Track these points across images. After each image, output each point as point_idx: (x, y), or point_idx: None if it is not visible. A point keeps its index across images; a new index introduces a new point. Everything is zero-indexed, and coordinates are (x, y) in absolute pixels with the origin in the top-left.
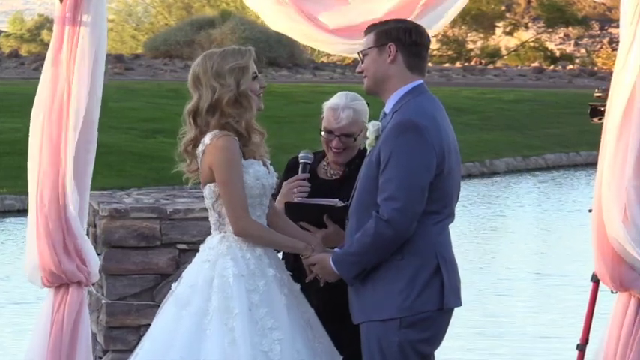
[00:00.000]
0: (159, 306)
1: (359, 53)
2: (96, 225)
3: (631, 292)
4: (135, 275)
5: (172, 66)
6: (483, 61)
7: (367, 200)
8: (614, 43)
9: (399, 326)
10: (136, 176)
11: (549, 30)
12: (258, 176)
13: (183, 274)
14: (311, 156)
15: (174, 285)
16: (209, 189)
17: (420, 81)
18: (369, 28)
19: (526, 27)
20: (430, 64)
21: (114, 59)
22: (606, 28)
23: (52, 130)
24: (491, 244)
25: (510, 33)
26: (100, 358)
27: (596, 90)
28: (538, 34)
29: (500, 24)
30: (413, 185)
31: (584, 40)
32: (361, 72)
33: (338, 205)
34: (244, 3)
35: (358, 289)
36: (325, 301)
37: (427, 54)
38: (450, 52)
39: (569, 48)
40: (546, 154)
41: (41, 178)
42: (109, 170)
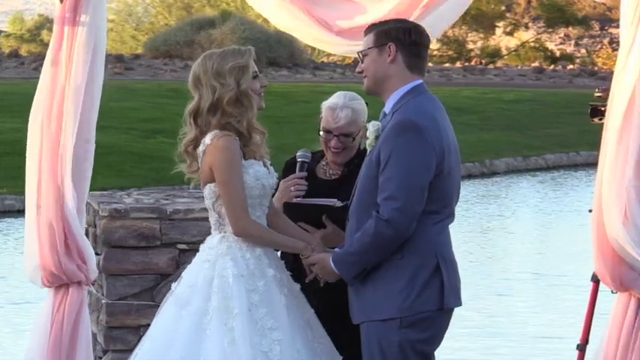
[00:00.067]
0: (159, 306)
1: (359, 53)
2: (96, 225)
3: (631, 293)
4: (135, 275)
5: (172, 66)
6: (483, 61)
7: (367, 200)
8: (614, 43)
9: (399, 326)
10: (136, 176)
11: (549, 30)
12: (258, 176)
13: (183, 274)
14: (309, 155)
15: (174, 285)
16: (209, 189)
17: (420, 81)
18: (369, 28)
19: (526, 27)
20: (430, 64)
21: (114, 59)
22: (606, 28)
23: (51, 130)
24: (491, 244)
25: (510, 33)
26: (100, 358)
27: (596, 90)
28: (538, 34)
29: (500, 24)
30: (413, 185)
31: (584, 40)
32: (361, 72)
33: (337, 205)
34: (247, 3)
35: (358, 289)
36: (325, 302)
37: (427, 54)
38: (450, 52)
39: (569, 48)
40: (546, 154)
41: (40, 178)
42: (109, 170)
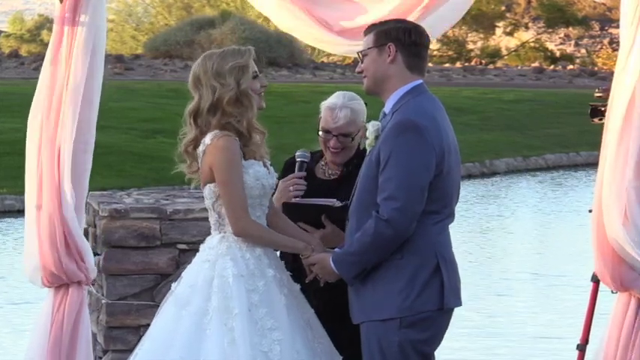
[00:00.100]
0: (159, 306)
1: (358, 53)
2: (96, 225)
3: (631, 293)
4: (135, 275)
5: (172, 66)
6: (483, 62)
7: (367, 200)
8: (614, 44)
9: (399, 326)
10: (136, 176)
11: (549, 30)
12: (258, 176)
13: (183, 274)
14: (308, 155)
15: (173, 285)
16: (209, 189)
17: (420, 81)
18: (369, 29)
19: (526, 27)
20: (430, 65)
21: (114, 59)
22: (606, 29)
23: (50, 130)
24: (490, 244)
25: (510, 33)
26: (100, 358)
27: (596, 90)
28: (538, 35)
29: (500, 24)
30: (412, 185)
31: (584, 41)
32: (361, 72)
33: (336, 205)
34: (247, 3)
35: (358, 289)
36: (325, 302)
37: (427, 54)
38: (450, 53)
39: (569, 48)
40: (546, 154)
41: (39, 178)
42: (109, 170)
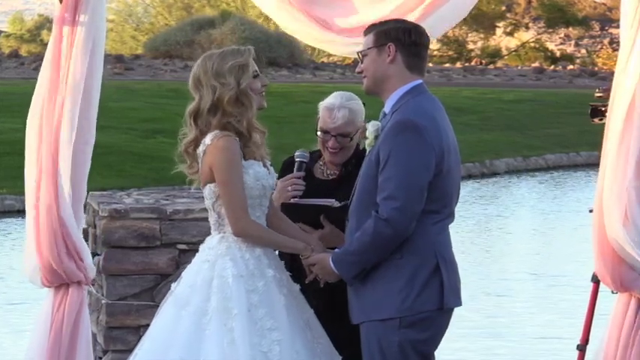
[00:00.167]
0: (159, 306)
1: (358, 53)
2: (96, 225)
3: (631, 293)
4: (135, 275)
5: (172, 66)
6: (484, 62)
7: (367, 200)
8: (614, 44)
9: (399, 326)
10: (136, 176)
11: (550, 30)
12: (258, 177)
13: (182, 275)
14: (307, 155)
15: (173, 285)
16: (209, 189)
17: (420, 81)
18: (369, 29)
19: (526, 27)
20: (430, 65)
21: (114, 59)
22: (607, 29)
23: (49, 130)
24: (490, 245)
25: (511, 33)
26: (100, 359)
27: (596, 90)
28: (538, 35)
29: (500, 24)
30: (412, 184)
31: (584, 41)
32: (361, 72)
33: (335, 206)
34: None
35: (357, 289)
36: (325, 302)
37: (427, 54)
38: (451, 53)
39: (569, 48)
40: (546, 155)
41: (39, 178)
42: (109, 170)
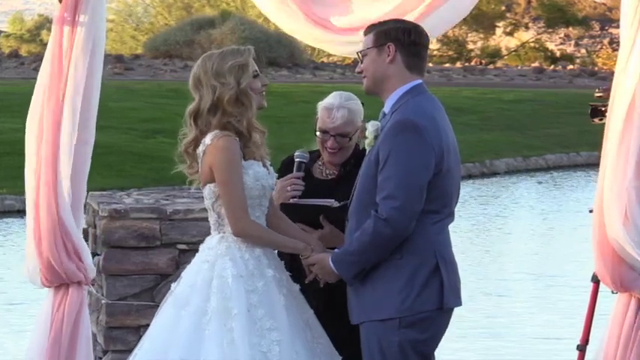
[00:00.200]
0: (159, 306)
1: (358, 53)
2: (96, 225)
3: (631, 293)
4: (135, 275)
5: (172, 66)
6: (484, 62)
7: (366, 200)
8: (614, 44)
9: (399, 326)
10: (136, 176)
11: (550, 30)
12: (257, 177)
13: (182, 275)
14: (307, 155)
15: (173, 285)
16: (209, 189)
17: (419, 81)
18: (368, 29)
19: (526, 27)
20: (430, 65)
21: (114, 59)
22: (607, 29)
23: (49, 130)
24: (490, 245)
25: (511, 33)
26: (100, 359)
27: (596, 90)
28: (538, 35)
29: (500, 24)
30: (412, 184)
31: (584, 41)
32: (360, 72)
33: (334, 206)
34: (247, 3)
35: (357, 289)
36: (325, 302)
37: (426, 54)
38: (451, 53)
39: (569, 48)
40: (546, 155)
41: (39, 179)
42: (109, 170)
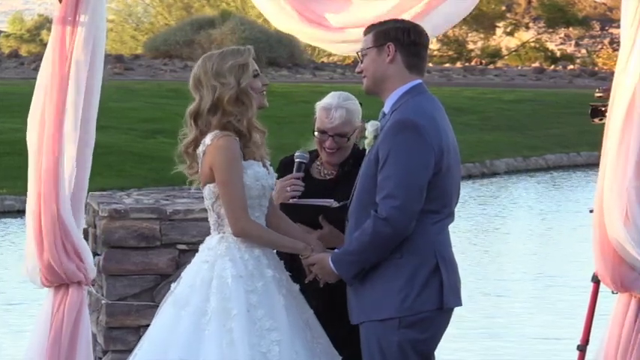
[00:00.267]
0: (158, 306)
1: (358, 53)
2: (96, 225)
3: (631, 293)
4: (135, 276)
5: (172, 66)
6: (484, 62)
7: (366, 199)
8: (614, 44)
9: (399, 326)
10: (136, 176)
11: (550, 30)
12: (257, 177)
13: (182, 275)
14: (307, 155)
15: (173, 285)
16: (209, 189)
17: (419, 81)
18: (368, 29)
19: (527, 27)
20: (430, 65)
21: (114, 59)
22: (607, 29)
23: (50, 131)
24: (490, 245)
25: (511, 33)
26: (100, 359)
27: (597, 90)
28: (539, 35)
29: (500, 24)
30: (411, 184)
31: (584, 41)
32: (360, 72)
33: (333, 206)
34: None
35: (357, 289)
36: (324, 302)
37: (426, 54)
38: (451, 53)
39: (569, 48)
40: (547, 155)
41: (39, 178)
42: (109, 170)
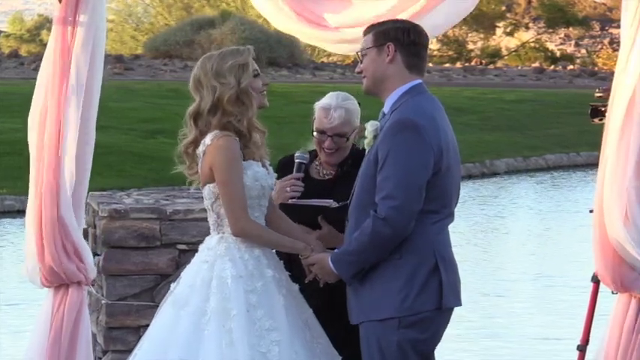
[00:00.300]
0: (158, 306)
1: (357, 53)
2: (96, 225)
3: (631, 293)
4: (135, 276)
5: (172, 66)
6: (484, 62)
7: (365, 199)
8: (614, 44)
9: (398, 326)
10: (136, 176)
11: (550, 30)
12: (257, 177)
13: (181, 275)
14: (307, 156)
15: (172, 285)
16: (208, 189)
17: (419, 81)
18: (368, 29)
19: (526, 27)
20: (430, 65)
21: (114, 59)
22: (607, 29)
23: (50, 130)
24: (490, 245)
25: (511, 33)
26: (100, 359)
27: (596, 90)
28: (538, 35)
29: (500, 24)
30: (410, 184)
31: (584, 41)
32: (360, 72)
33: (333, 206)
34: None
35: (357, 289)
36: (324, 302)
37: (426, 54)
38: (451, 53)
39: (569, 48)
40: (547, 155)
41: (39, 179)
42: (109, 170)
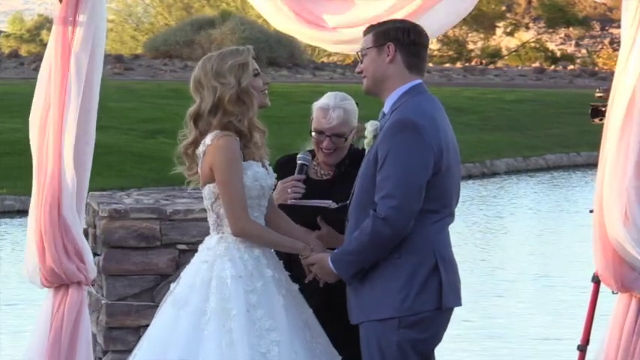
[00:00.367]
0: (158, 306)
1: (357, 53)
2: (95, 225)
3: (632, 293)
4: (135, 276)
5: (172, 66)
6: (484, 62)
7: (365, 199)
8: (615, 44)
9: (398, 326)
10: (136, 176)
11: (550, 30)
12: (256, 177)
13: (181, 275)
14: (309, 157)
15: (172, 285)
16: (208, 189)
17: (419, 81)
18: (368, 29)
19: (527, 27)
20: (431, 65)
21: (114, 59)
22: (607, 29)
23: (50, 130)
24: (490, 245)
25: (511, 33)
26: (100, 359)
27: (597, 90)
28: (539, 35)
29: (500, 24)
30: (410, 183)
31: (585, 41)
32: (360, 72)
33: (332, 207)
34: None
35: (356, 289)
36: (324, 302)
37: (426, 54)
38: (451, 53)
39: (570, 48)
40: (547, 155)
41: (41, 179)
42: (109, 170)
